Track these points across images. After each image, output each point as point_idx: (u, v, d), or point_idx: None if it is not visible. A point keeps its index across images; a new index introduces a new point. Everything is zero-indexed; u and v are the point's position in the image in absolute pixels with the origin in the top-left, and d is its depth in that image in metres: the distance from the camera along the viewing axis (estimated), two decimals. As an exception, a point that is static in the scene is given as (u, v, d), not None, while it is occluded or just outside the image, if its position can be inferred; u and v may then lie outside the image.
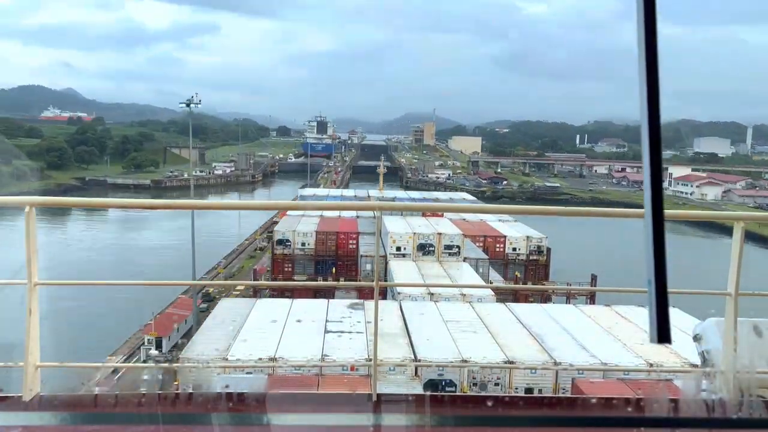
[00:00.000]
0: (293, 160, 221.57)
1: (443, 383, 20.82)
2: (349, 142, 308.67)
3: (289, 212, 54.17)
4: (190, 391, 4.09)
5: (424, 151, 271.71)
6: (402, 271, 39.07)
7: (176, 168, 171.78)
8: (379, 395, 3.91)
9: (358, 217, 53.18)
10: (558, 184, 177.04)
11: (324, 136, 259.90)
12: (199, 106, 79.16)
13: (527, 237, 51.47)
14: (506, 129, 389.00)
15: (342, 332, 22.70)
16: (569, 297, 43.34)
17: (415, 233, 43.11)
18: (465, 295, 29.87)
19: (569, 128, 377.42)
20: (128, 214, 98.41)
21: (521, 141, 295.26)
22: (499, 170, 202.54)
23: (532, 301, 36.84)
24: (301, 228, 49.67)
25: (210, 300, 51.63)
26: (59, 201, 4.72)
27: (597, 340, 22.75)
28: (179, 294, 52.54)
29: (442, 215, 50.97)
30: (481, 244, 49.27)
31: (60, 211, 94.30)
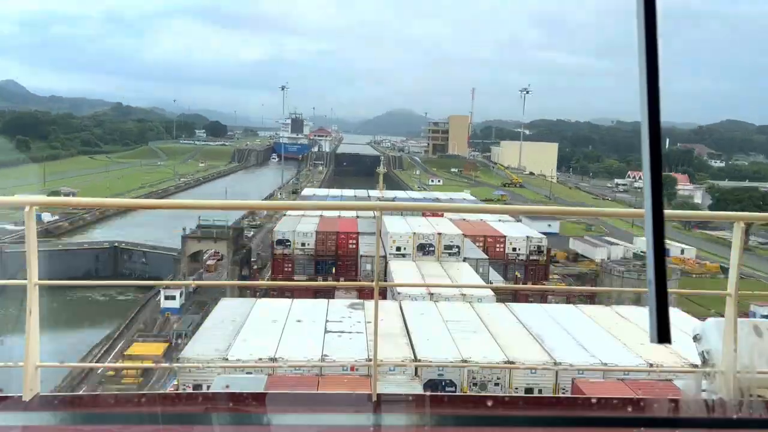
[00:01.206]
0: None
1: (443, 383, 20.79)
2: (315, 150, 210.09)
3: (289, 212, 54.24)
4: (190, 391, 4.09)
5: (455, 170, 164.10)
6: (402, 271, 39.05)
7: None
8: (379, 395, 3.91)
9: (358, 217, 53.19)
10: None
11: (299, 136, 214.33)
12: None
13: (527, 237, 51.52)
14: (527, 131, 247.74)
15: (342, 332, 22.68)
16: (569, 297, 43.35)
17: (415, 233, 43.08)
18: (465, 295, 29.87)
19: (606, 130, 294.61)
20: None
21: (565, 147, 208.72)
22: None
23: (531, 301, 36.84)
24: (301, 228, 49.68)
25: None
26: (59, 201, 4.72)
27: (597, 340, 22.73)
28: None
29: (442, 215, 50.95)
30: (481, 244, 49.27)
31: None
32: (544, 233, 56.98)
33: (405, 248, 42.88)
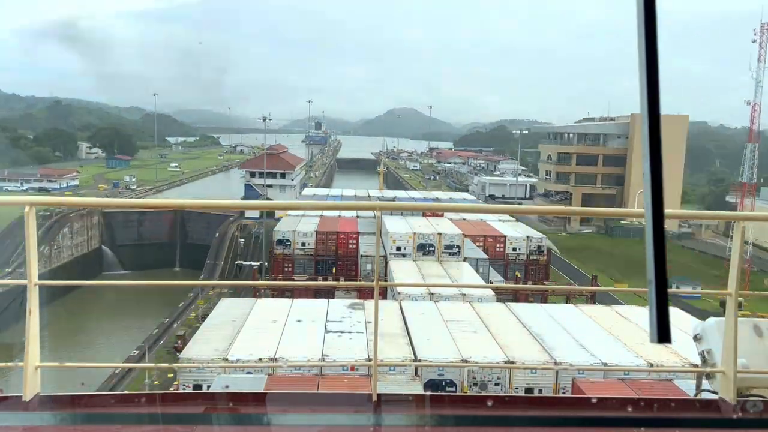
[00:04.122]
0: None
1: (443, 383, 20.80)
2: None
3: (289, 212, 54.25)
4: (190, 391, 4.10)
5: None
6: (402, 271, 39.07)
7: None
8: (379, 395, 3.91)
9: (358, 217, 53.20)
10: None
11: (320, 132, 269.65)
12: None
13: (527, 237, 51.51)
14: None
15: (342, 332, 22.69)
16: (569, 297, 43.34)
17: (415, 233, 43.09)
18: (465, 295, 29.86)
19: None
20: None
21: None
22: None
23: (532, 301, 36.84)
24: (301, 228, 49.68)
25: None
26: (59, 201, 4.73)
27: (597, 340, 22.74)
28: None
29: (442, 215, 50.95)
30: (481, 244, 49.25)
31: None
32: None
33: (405, 248, 42.89)
